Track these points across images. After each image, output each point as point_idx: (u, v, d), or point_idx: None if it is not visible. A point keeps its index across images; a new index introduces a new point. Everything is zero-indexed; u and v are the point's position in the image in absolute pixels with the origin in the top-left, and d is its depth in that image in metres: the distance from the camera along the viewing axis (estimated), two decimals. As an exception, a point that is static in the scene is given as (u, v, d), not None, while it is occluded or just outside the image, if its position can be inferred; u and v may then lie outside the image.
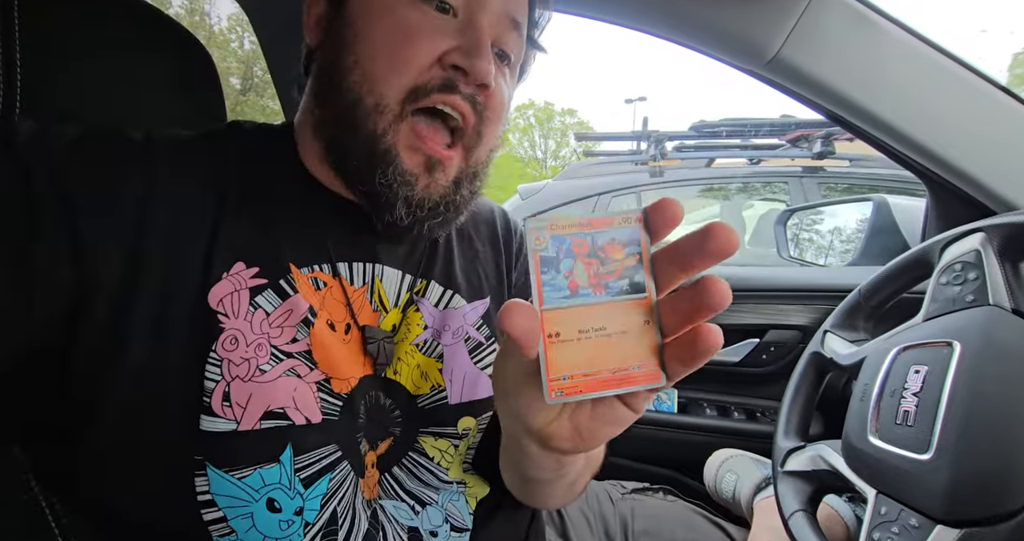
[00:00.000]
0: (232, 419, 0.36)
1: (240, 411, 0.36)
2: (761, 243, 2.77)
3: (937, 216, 0.83)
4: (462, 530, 0.46)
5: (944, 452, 0.45)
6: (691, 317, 0.25)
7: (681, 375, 0.27)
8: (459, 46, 0.41)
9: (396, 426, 0.45)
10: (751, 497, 0.79)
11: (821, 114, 0.75)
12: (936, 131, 0.66)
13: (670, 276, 0.26)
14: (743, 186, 3.03)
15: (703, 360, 0.25)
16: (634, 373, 0.26)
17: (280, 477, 0.37)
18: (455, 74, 0.42)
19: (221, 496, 0.35)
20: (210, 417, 0.36)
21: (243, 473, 0.36)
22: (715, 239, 0.24)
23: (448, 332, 0.47)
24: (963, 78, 0.65)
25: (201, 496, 0.35)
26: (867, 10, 0.64)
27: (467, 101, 0.42)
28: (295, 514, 0.37)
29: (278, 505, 0.37)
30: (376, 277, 0.46)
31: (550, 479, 0.40)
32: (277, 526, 0.37)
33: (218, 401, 0.36)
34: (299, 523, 0.37)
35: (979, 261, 0.52)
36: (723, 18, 0.64)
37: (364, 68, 0.41)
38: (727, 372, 1.05)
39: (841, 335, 0.66)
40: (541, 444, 0.31)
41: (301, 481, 0.38)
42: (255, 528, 0.36)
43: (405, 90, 0.41)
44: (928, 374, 0.49)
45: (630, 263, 0.26)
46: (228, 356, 0.37)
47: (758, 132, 2.76)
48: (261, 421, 0.37)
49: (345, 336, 0.43)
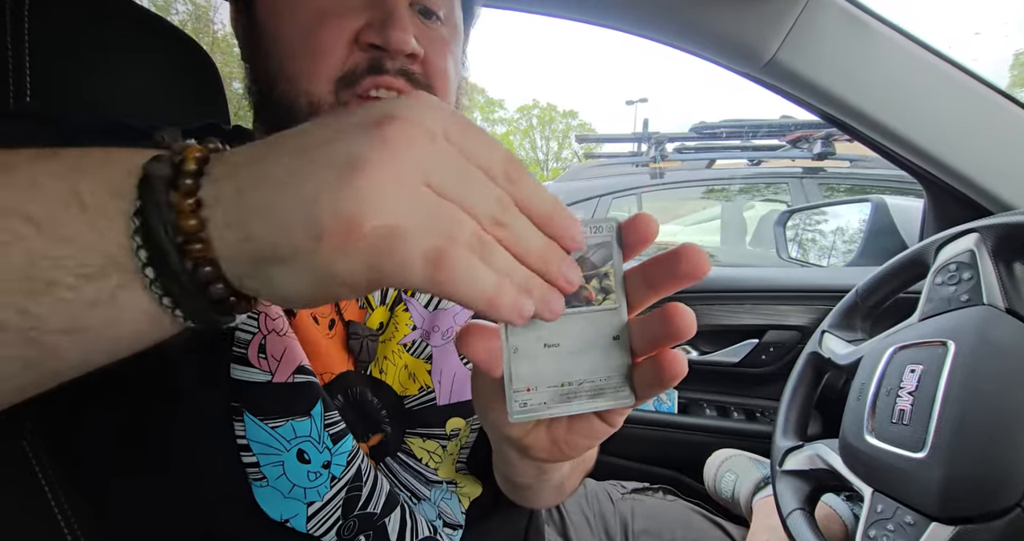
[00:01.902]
0: (267, 371, 0.37)
1: (275, 363, 0.37)
2: (762, 244, 2.77)
3: (935, 216, 0.83)
4: (455, 527, 0.46)
5: (939, 450, 0.45)
6: (657, 342, 0.25)
7: (650, 396, 0.26)
8: (370, 21, 0.39)
9: (385, 424, 0.45)
10: (750, 496, 0.79)
11: (818, 116, 0.76)
12: (931, 132, 0.67)
13: (641, 295, 0.25)
14: (744, 187, 3.04)
15: (669, 385, 0.25)
16: (602, 389, 0.26)
17: (310, 430, 0.38)
18: (376, 52, 0.39)
19: (256, 443, 0.36)
20: (244, 367, 0.36)
21: (277, 423, 0.37)
22: (686, 261, 0.23)
23: (438, 333, 0.47)
24: (957, 80, 0.66)
25: (240, 440, 0.36)
26: (862, 13, 0.64)
27: (400, 75, 0.40)
28: (323, 467, 0.38)
29: (307, 457, 0.37)
30: None
31: (532, 484, 0.40)
32: (306, 476, 0.37)
33: (254, 352, 0.37)
34: (326, 476, 0.38)
35: (973, 261, 0.52)
36: (719, 22, 0.65)
37: (287, 71, 0.40)
38: (727, 372, 1.06)
39: (839, 335, 0.66)
40: (520, 453, 0.31)
41: (330, 436, 0.38)
42: (285, 476, 0.37)
43: (332, 81, 0.39)
44: (923, 373, 0.50)
45: (601, 276, 0.25)
46: (265, 309, 0.37)
47: (758, 133, 2.77)
48: (295, 375, 0.38)
49: (329, 331, 0.43)
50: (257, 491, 0.37)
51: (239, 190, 0.20)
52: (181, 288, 0.20)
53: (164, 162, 0.20)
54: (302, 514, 0.37)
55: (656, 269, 0.24)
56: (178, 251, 0.19)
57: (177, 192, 0.20)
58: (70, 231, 0.19)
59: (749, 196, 3.08)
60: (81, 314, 0.20)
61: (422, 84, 0.42)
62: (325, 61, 0.39)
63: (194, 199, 0.20)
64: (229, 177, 0.20)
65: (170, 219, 0.19)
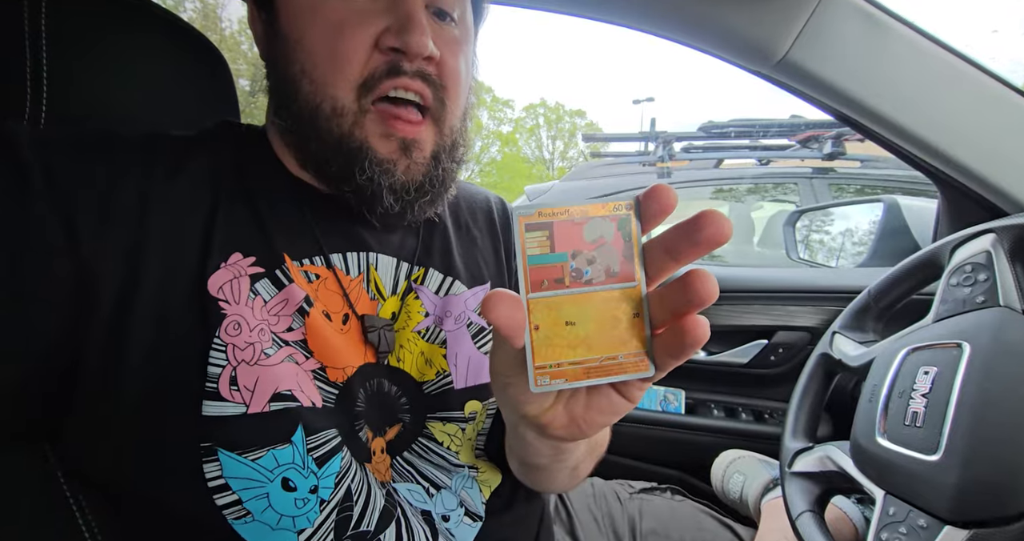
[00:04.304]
0: (241, 402, 0.37)
1: (248, 394, 0.37)
2: (769, 245, 2.75)
3: (949, 217, 0.82)
4: (475, 517, 0.47)
5: (953, 453, 0.45)
6: (679, 311, 0.25)
7: (670, 367, 0.26)
8: (389, 26, 0.40)
9: (404, 413, 0.45)
10: (759, 498, 0.79)
11: (830, 115, 0.75)
12: (947, 131, 0.66)
13: (661, 266, 0.26)
14: (752, 187, 3.01)
15: (691, 352, 0.25)
16: (622, 363, 0.26)
17: (293, 457, 0.37)
18: (395, 56, 0.41)
19: (235, 479, 0.36)
20: (217, 402, 0.36)
21: (256, 454, 0.36)
22: (707, 226, 0.23)
23: (450, 318, 0.48)
24: (974, 78, 0.65)
25: (213, 481, 0.36)
26: (876, 10, 0.63)
27: (417, 77, 0.42)
28: (310, 492, 0.38)
29: (293, 484, 0.37)
30: (371, 266, 0.46)
31: (548, 465, 0.40)
32: (293, 504, 0.37)
33: (225, 385, 0.36)
34: (315, 500, 0.38)
35: (990, 262, 0.52)
36: (732, 20, 0.64)
37: (310, 76, 0.41)
38: (735, 373, 1.05)
39: (850, 336, 0.65)
40: (537, 431, 0.31)
41: (314, 460, 0.38)
42: (271, 508, 0.36)
43: (355, 86, 0.41)
44: (937, 375, 0.49)
45: (621, 252, 0.26)
46: (232, 341, 0.37)
47: (767, 133, 2.74)
48: (270, 403, 0.37)
49: (343, 326, 0.43)
50: (242, 529, 0.36)
51: None
52: None
53: None
54: None
55: (677, 237, 0.24)
56: None
57: None
58: None
59: (757, 196, 3.06)
60: None
61: (437, 85, 0.43)
62: (347, 68, 0.41)
63: None
64: None
65: None
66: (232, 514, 0.36)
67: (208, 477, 0.36)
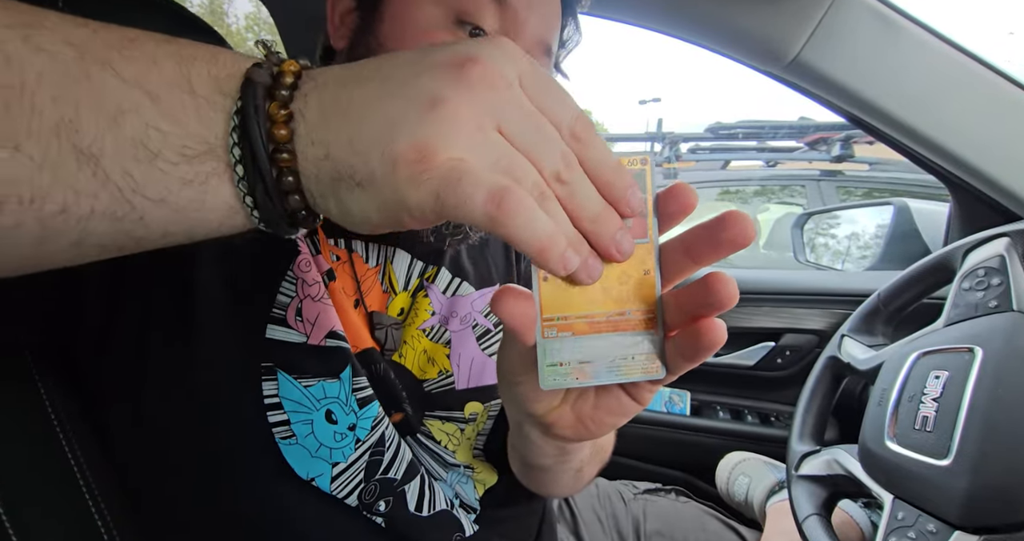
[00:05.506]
0: (303, 333, 0.39)
1: (310, 326, 0.39)
2: (775, 248, 2.73)
3: (960, 221, 0.81)
4: (470, 509, 0.47)
5: (964, 458, 0.44)
6: (696, 313, 0.24)
7: (683, 370, 0.25)
8: None
9: (405, 404, 0.46)
10: (764, 500, 0.79)
11: (842, 116, 0.75)
12: (959, 134, 0.65)
13: (680, 266, 0.25)
14: (759, 189, 3.00)
15: (706, 356, 0.24)
16: (635, 364, 0.25)
17: (339, 392, 0.40)
18: None
19: (288, 400, 0.38)
20: (283, 328, 0.39)
21: (309, 382, 0.39)
22: (731, 227, 0.22)
23: (456, 319, 0.48)
24: (988, 80, 0.64)
25: (269, 399, 0.38)
26: (890, 11, 0.63)
27: None
28: (348, 429, 0.39)
29: (335, 417, 0.39)
30: (388, 259, 0.47)
31: (552, 466, 0.40)
32: (332, 437, 0.39)
33: (292, 315, 0.39)
34: (351, 437, 0.39)
35: (1003, 267, 0.51)
36: (744, 19, 0.64)
37: None
38: (741, 375, 1.05)
39: (859, 340, 0.65)
40: (543, 431, 0.31)
41: (357, 401, 0.40)
42: (313, 434, 0.38)
43: None
44: (948, 380, 0.49)
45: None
46: (302, 276, 0.40)
47: (776, 134, 2.73)
48: (326, 339, 0.40)
49: (355, 309, 0.44)
50: (285, 449, 0.38)
51: (323, 110, 0.21)
52: (264, 191, 0.21)
53: (264, 71, 0.21)
54: (327, 474, 0.38)
55: (698, 238, 0.24)
56: (268, 157, 0.21)
57: (274, 102, 0.21)
58: (180, 113, 0.20)
59: (764, 198, 3.05)
60: (174, 188, 0.21)
61: None
62: None
63: (287, 111, 0.21)
64: (316, 96, 0.21)
65: (264, 126, 0.20)
66: (280, 433, 0.38)
67: (265, 394, 0.37)
